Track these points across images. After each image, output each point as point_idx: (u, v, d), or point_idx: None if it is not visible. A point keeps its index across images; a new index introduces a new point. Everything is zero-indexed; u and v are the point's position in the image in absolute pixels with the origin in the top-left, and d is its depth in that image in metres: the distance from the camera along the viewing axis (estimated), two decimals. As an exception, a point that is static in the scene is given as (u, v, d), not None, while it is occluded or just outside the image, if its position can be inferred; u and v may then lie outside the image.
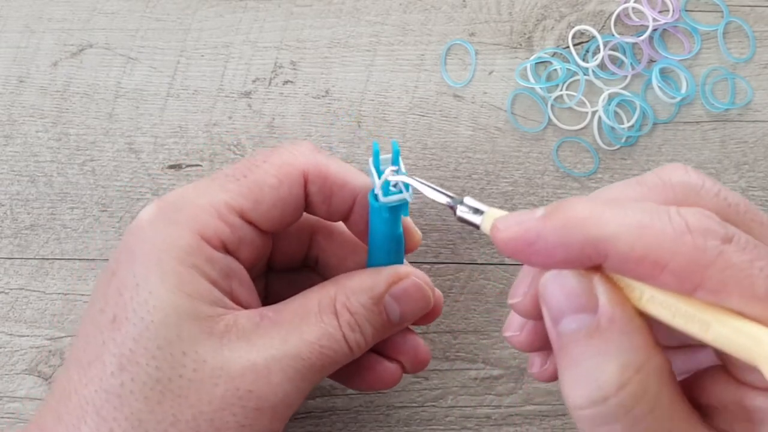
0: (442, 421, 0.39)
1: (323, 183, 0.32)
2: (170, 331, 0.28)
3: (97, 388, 0.28)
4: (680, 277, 0.22)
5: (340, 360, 0.31)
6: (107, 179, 0.40)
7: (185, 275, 0.29)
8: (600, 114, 0.40)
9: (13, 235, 0.40)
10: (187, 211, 0.30)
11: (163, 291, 0.29)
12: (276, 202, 0.31)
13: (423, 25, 0.41)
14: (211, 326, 0.29)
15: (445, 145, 0.40)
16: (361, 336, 0.31)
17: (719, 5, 0.41)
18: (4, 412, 0.39)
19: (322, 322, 0.30)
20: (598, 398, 0.23)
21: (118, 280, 0.30)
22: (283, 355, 0.29)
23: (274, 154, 0.32)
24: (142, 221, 0.30)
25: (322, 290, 0.32)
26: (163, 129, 0.41)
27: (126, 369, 0.28)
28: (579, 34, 0.41)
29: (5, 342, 0.40)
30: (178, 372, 0.28)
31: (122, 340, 0.28)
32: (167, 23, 0.41)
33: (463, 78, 0.41)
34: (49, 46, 0.41)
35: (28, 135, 0.41)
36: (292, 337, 0.30)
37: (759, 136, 0.40)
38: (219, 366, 0.28)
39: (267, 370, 0.29)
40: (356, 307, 0.31)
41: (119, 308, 0.29)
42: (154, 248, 0.29)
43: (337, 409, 0.39)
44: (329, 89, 0.41)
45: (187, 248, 0.29)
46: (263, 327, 0.30)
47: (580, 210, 0.24)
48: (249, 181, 0.31)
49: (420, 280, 0.32)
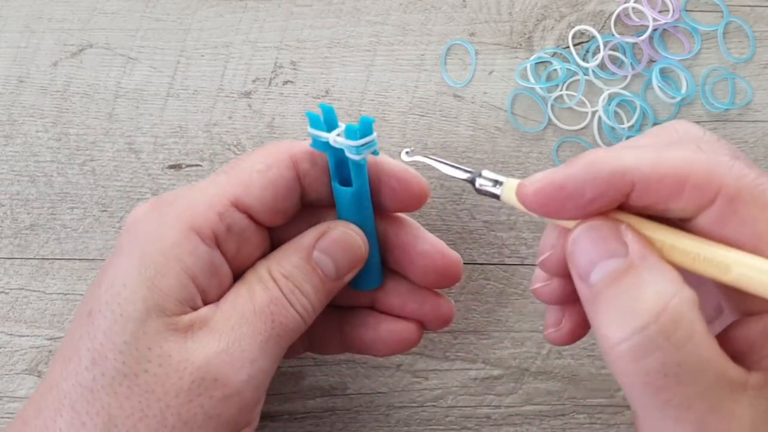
0: (442, 421, 0.39)
1: (313, 159, 0.32)
2: (137, 327, 0.29)
3: (73, 383, 0.29)
4: (701, 187, 0.24)
5: (294, 328, 0.31)
6: (107, 179, 0.40)
7: (164, 268, 0.29)
8: (600, 114, 0.40)
9: (13, 235, 0.40)
10: (178, 204, 0.31)
11: (136, 284, 0.29)
12: (266, 185, 0.31)
13: (423, 25, 0.41)
14: (176, 322, 0.29)
15: (445, 145, 0.40)
16: (304, 298, 0.31)
17: (719, 5, 0.41)
18: (4, 412, 0.39)
19: (266, 289, 0.31)
20: (638, 326, 0.23)
21: (103, 274, 0.30)
22: (241, 335, 0.29)
23: (259, 147, 0.33)
24: (135, 216, 0.31)
25: (258, 265, 0.32)
26: (163, 129, 0.41)
27: (97, 363, 0.28)
28: (579, 34, 0.41)
29: (5, 342, 0.40)
30: (144, 367, 0.28)
31: (95, 333, 0.29)
32: (167, 23, 0.41)
33: (463, 78, 0.41)
34: (49, 46, 0.41)
35: (28, 135, 0.41)
36: (246, 312, 0.30)
37: (759, 136, 0.40)
38: (184, 359, 0.29)
39: (229, 355, 0.29)
40: (289, 269, 0.31)
41: (95, 301, 0.29)
42: (141, 241, 0.30)
43: (337, 409, 0.39)
44: (329, 89, 0.41)
45: (174, 240, 0.30)
46: (219, 312, 0.30)
47: (601, 153, 0.25)
48: (237, 170, 0.32)
49: (348, 229, 0.32)
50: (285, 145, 0.32)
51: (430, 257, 0.33)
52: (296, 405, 0.40)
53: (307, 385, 0.40)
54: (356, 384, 0.40)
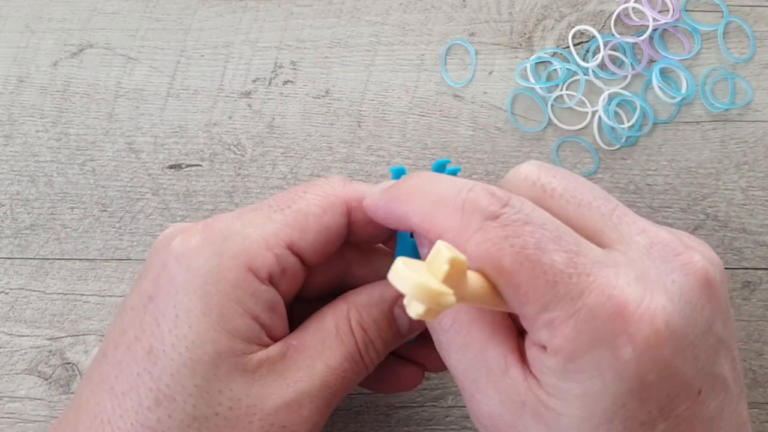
0: (442, 421, 0.39)
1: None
2: (208, 370, 0.28)
3: (133, 422, 0.28)
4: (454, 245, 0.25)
5: (358, 379, 0.31)
6: (107, 179, 0.40)
7: (228, 310, 0.29)
8: (600, 114, 0.40)
9: (13, 235, 0.40)
10: (235, 241, 0.30)
11: (203, 326, 0.29)
12: (321, 230, 0.31)
13: (423, 25, 0.41)
14: (245, 363, 0.29)
15: (445, 145, 0.40)
16: (374, 351, 0.31)
17: (719, 5, 0.41)
18: (4, 412, 0.39)
19: (343, 344, 0.31)
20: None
21: (156, 307, 0.29)
22: (311, 387, 0.30)
23: (313, 185, 0.32)
24: (188, 248, 0.30)
25: (337, 309, 0.32)
26: (163, 129, 0.41)
27: (162, 404, 0.28)
28: (579, 34, 0.41)
29: (5, 342, 0.40)
30: (215, 410, 0.28)
31: (159, 374, 0.28)
32: (167, 23, 0.41)
33: (463, 78, 0.41)
34: (49, 46, 0.41)
35: (28, 135, 0.41)
36: (318, 364, 0.30)
37: (759, 136, 0.40)
38: (253, 404, 0.29)
39: (298, 404, 0.29)
40: (368, 322, 0.31)
41: (156, 339, 0.29)
42: (200, 279, 0.29)
43: (337, 409, 0.39)
44: (329, 89, 0.41)
45: (234, 282, 0.29)
46: (290, 357, 0.30)
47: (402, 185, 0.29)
48: (293, 211, 0.31)
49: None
50: (339, 186, 0.32)
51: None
52: (296, 405, 0.40)
53: (307, 385, 0.40)
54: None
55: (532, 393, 0.27)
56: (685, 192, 0.40)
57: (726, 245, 0.40)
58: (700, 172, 0.40)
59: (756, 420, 0.39)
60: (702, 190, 0.40)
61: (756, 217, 0.40)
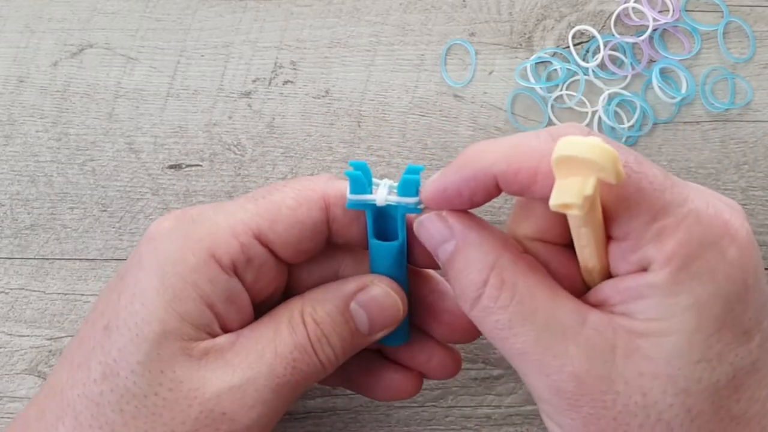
0: (442, 421, 0.39)
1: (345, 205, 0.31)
2: (152, 348, 0.28)
3: (79, 393, 0.29)
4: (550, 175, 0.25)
5: (312, 375, 0.30)
6: (107, 179, 0.40)
7: (181, 293, 0.29)
8: (600, 114, 0.40)
9: (13, 235, 0.40)
10: (202, 226, 0.30)
11: (155, 305, 0.29)
12: (293, 223, 0.31)
13: (423, 25, 0.41)
14: (191, 348, 0.29)
15: (445, 145, 0.40)
16: (330, 348, 0.31)
17: (719, 5, 0.41)
18: (4, 412, 0.39)
19: (293, 333, 0.30)
20: (474, 299, 0.28)
21: (122, 285, 0.30)
22: (257, 374, 0.29)
23: (295, 180, 0.32)
24: (159, 229, 0.30)
25: (291, 303, 0.31)
26: (163, 129, 0.41)
27: (108, 378, 0.28)
28: (579, 34, 0.41)
29: (5, 342, 0.40)
30: (154, 390, 0.28)
31: (109, 348, 0.29)
32: (167, 23, 0.41)
33: (463, 78, 0.41)
34: (49, 46, 0.41)
35: (28, 135, 0.41)
36: (267, 351, 0.30)
37: (759, 136, 0.40)
38: (195, 387, 0.28)
39: (242, 391, 0.29)
40: (322, 316, 0.31)
41: (113, 315, 0.29)
42: (162, 259, 0.29)
43: (337, 409, 0.39)
44: (329, 89, 0.41)
45: (194, 265, 0.29)
46: (239, 345, 0.30)
47: (470, 153, 0.28)
48: (267, 202, 0.31)
49: (389, 288, 0.32)
50: (320, 183, 0.31)
51: (456, 315, 0.33)
52: (296, 405, 0.40)
53: (307, 385, 0.40)
54: (356, 384, 0.40)
55: (622, 331, 0.27)
56: (685, 192, 0.40)
57: (726, 245, 0.40)
58: (700, 172, 0.40)
59: (756, 420, 0.39)
60: (702, 190, 0.40)
61: (756, 217, 0.40)
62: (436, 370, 0.34)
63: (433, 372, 0.35)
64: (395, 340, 0.34)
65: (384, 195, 0.30)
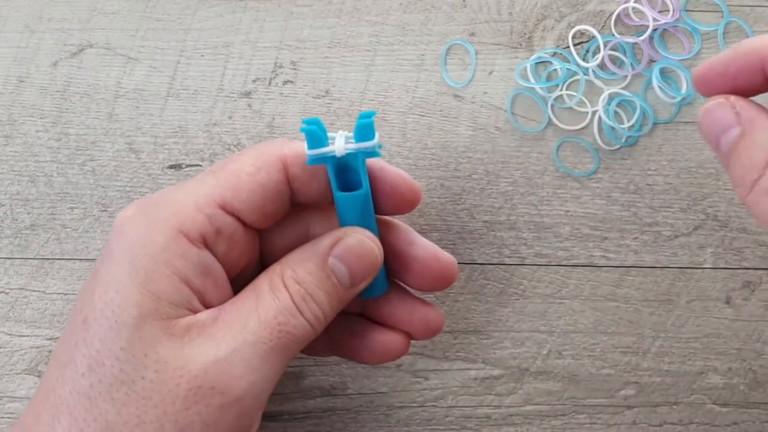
0: (442, 421, 0.39)
1: (303, 162, 0.32)
2: (132, 333, 0.28)
3: (70, 389, 0.29)
4: None
5: (302, 336, 0.30)
6: (107, 179, 0.40)
7: (153, 273, 0.29)
8: (600, 114, 0.40)
9: (13, 235, 0.40)
10: (166, 206, 0.30)
11: (129, 289, 0.29)
12: (255, 188, 0.31)
13: (423, 25, 0.41)
14: (172, 326, 0.29)
15: (445, 145, 0.40)
16: (316, 305, 0.31)
17: (719, 5, 0.41)
18: (4, 412, 0.39)
19: (276, 298, 0.30)
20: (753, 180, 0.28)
21: (95, 279, 0.30)
22: (243, 343, 0.29)
23: (250, 148, 0.32)
24: (124, 219, 0.30)
25: (270, 270, 0.31)
26: (163, 129, 0.41)
27: (94, 370, 0.28)
28: (579, 34, 0.41)
29: (5, 342, 0.40)
30: (141, 374, 0.28)
31: (90, 340, 0.29)
32: (167, 23, 0.41)
33: (463, 78, 0.41)
34: (49, 46, 0.41)
35: (28, 135, 0.41)
36: (250, 321, 0.30)
37: (759, 136, 0.40)
38: (180, 365, 0.28)
39: (228, 363, 0.29)
40: (303, 275, 0.31)
41: (89, 308, 0.29)
42: (130, 244, 0.29)
43: (337, 409, 0.39)
44: (329, 89, 0.41)
45: (163, 244, 0.29)
46: (221, 319, 0.30)
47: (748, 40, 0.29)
48: (226, 172, 0.31)
49: (363, 236, 0.32)
50: (275, 146, 0.32)
51: (425, 262, 0.33)
52: (296, 405, 0.40)
53: (307, 385, 0.40)
54: (356, 384, 0.40)
55: None
56: (685, 192, 0.40)
57: (726, 245, 0.40)
58: (700, 172, 0.40)
59: (756, 420, 0.39)
60: (702, 190, 0.40)
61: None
62: (419, 327, 0.34)
63: (417, 330, 0.35)
64: (375, 291, 0.34)
65: (342, 144, 0.31)
